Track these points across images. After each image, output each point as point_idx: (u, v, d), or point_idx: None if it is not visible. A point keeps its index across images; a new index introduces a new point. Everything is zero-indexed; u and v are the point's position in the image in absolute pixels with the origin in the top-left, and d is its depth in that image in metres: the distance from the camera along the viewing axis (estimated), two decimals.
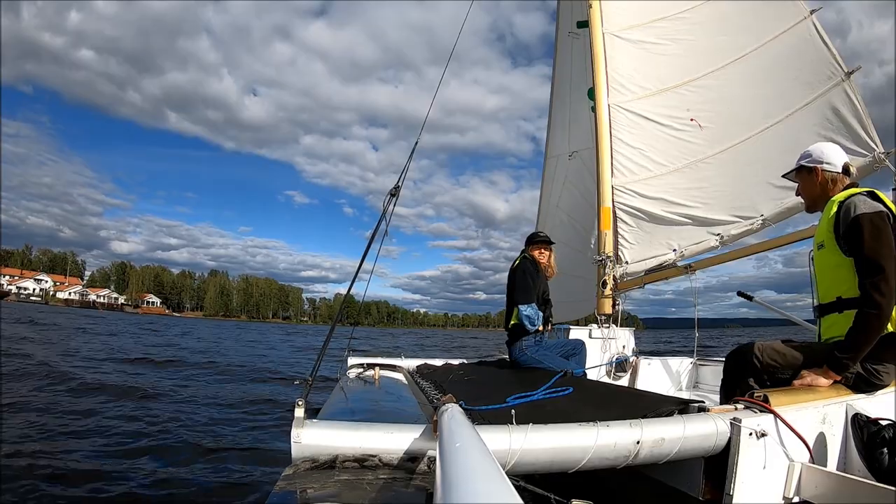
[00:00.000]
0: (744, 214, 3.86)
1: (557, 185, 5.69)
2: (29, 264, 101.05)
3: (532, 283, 3.20)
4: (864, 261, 1.81)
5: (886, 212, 1.84)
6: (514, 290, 3.22)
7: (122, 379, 7.18)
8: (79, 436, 4.16)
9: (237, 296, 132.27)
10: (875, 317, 1.76)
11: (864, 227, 1.80)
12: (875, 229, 1.79)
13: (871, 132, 3.43)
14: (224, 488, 3.24)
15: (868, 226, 1.80)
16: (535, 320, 3.14)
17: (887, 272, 1.75)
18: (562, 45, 5.62)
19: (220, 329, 32.59)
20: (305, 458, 1.20)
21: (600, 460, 1.33)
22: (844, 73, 3.52)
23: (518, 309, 3.14)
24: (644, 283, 4.10)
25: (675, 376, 4.03)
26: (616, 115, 4.22)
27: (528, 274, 3.23)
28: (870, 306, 1.77)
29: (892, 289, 1.75)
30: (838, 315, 1.91)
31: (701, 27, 4.12)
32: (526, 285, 3.19)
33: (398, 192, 2.41)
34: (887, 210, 1.85)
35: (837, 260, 1.91)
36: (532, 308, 3.14)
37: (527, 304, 3.13)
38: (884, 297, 1.75)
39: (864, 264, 1.81)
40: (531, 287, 3.19)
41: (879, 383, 1.86)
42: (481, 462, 0.70)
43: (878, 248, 1.78)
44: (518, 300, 3.17)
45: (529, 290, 3.18)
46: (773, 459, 1.50)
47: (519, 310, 3.14)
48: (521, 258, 3.35)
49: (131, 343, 14.95)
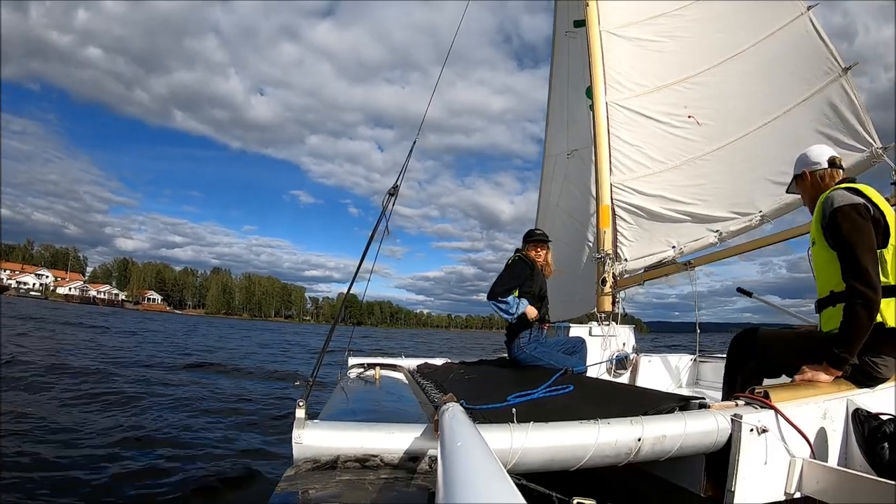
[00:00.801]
0: (742, 211, 3.86)
1: (557, 184, 5.69)
2: (31, 259, 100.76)
3: (509, 278, 3.18)
4: (844, 254, 1.84)
5: (865, 204, 1.86)
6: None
7: (128, 378, 7.18)
8: (78, 435, 4.15)
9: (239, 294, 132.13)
10: (861, 307, 1.78)
11: (841, 220, 1.84)
12: (851, 222, 1.83)
13: (868, 128, 3.42)
14: (225, 489, 3.24)
15: (844, 219, 1.84)
16: (511, 307, 3.10)
17: (863, 263, 1.78)
18: (559, 44, 5.63)
19: (235, 329, 32.52)
20: (307, 458, 1.20)
21: (602, 458, 1.34)
22: (842, 68, 3.51)
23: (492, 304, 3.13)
24: (644, 280, 4.10)
25: (676, 373, 4.04)
26: (614, 113, 4.23)
27: (508, 269, 3.22)
28: (854, 298, 1.79)
29: (872, 278, 1.77)
30: (833, 309, 1.93)
31: (698, 24, 4.13)
32: (500, 279, 3.17)
33: (397, 191, 2.41)
34: (867, 202, 1.87)
35: (827, 255, 1.94)
36: (505, 301, 3.11)
37: (495, 298, 3.11)
38: (865, 287, 1.77)
39: (844, 257, 1.84)
40: (506, 280, 3.17)
41: (879, 376, 1.86)
42: (483, 461, 0.70)
43: (855, 240, 1.81)
44: (488, 294, 3.16)
45: (500, 284, 3.16)
46: (774, 455, 1.50)
47: (492, 305, 3.13)
48: (516, 257, 3.33)
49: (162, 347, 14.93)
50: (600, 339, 3.77)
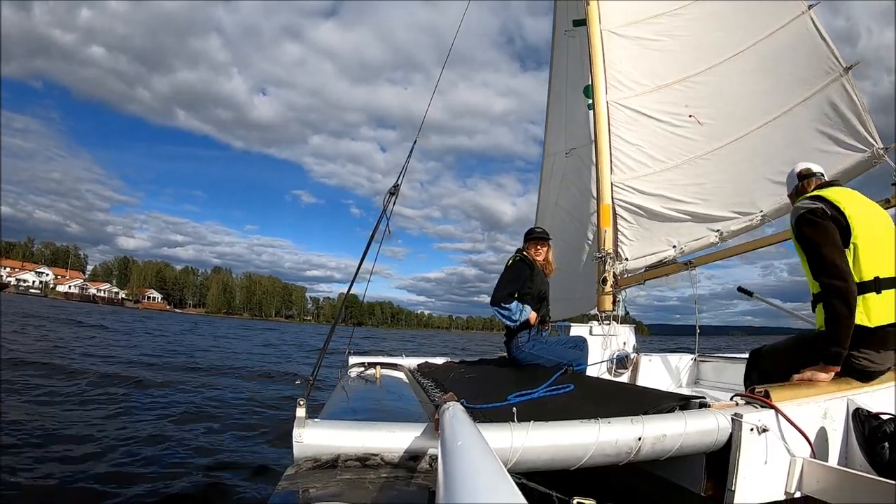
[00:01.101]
0: (743, 210, 3.85)
1: (556, 183, 5.69)
2: (31, 257, 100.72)
3: (508, 281, 3.14)
4: (810, 255, 1.96)
5: (822, 207, 1.95)
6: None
7: (125, 375, 7.19)
8: (74, 434, 4.16)
9: (240, 293, 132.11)
10: (836, 300, 1.84)
11: (802, 226, 1.98)
12: (809, 225, 1.95)
13: (869, 128, 3.40)
14: (225, 488, 3.24)
15: (804, 224, 1.97)
16: (514, 314, 3.07)
17: (829, 259, 1.88)
18: (558, 43, 5.63)
19: (233, 329, 32.43)
20: (307, 457, 1.21)
21: (602, 457, 1.34)
22: (843, 68, 3.49)
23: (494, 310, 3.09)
24: (644, 279, 4.10)
25: (676, 373, 4.04)
26: (614, 112, 4.22)
27: (508, 271, 3.18)
28: (828, 293, 1.87)
29: (840, 270, 1.85)
30: (819, 308, 2.00)
31: (698, 23, 4.11)
32: (500, 283, 3.14)
33: (398, 190, 2.42)
34: (825, 205, 1.96)
35: (803, 259, 2.04)
36: (507, 308, 3.07)
37: (498, 304, 3.07)
38: (836, 279, 1.85)
39: (811, 259, 1.96)
40: (505, 284, 3.13)
41: (870, 369, 1.89)
42: (483, 460, 0.70)
43: (817, 241, 1.92)
44: (491, 300, 3.12)
45: (501, 288, 3.12)
46: (774, 454, 1.50)
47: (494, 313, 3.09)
48: (517, 258, 3.29)
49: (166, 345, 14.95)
50: (601, 338, 3.78)
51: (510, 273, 3.20)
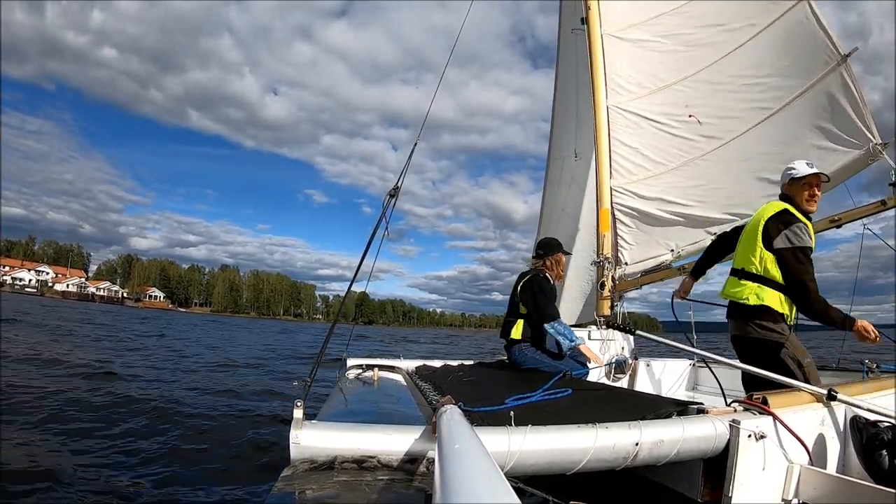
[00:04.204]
0: (740, 212, 3.82)
1: (563, 188, 5.55)
2: (32, 255, 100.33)
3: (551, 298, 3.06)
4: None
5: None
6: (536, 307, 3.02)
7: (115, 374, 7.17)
8: (72, 433, 4.14)
9: (247, 291, 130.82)
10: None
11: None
12: None
13: (867, 121, 3.27)
14: (222, 489, 3.23)
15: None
16: (571, 334, 2.97)
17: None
18: (565, 43, 5.48)
19: (232, 329, 32.08)
20: (304, 459, 1.20)
21: (599, 462, 1.33)
22: (841, 55, 3.34)
23: (546, 328, 2.96)
24: (640, 284, 4.09)
25: (674, 378, 4.03)
26: (615, 117, 4.20)
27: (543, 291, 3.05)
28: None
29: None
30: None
31: (699, 20, 4.06)
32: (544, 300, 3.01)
33: (398, 192, 2.42)
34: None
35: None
36: (561, 323, 2.98)
37: (555, 319, 2.96)
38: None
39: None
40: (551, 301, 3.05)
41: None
42: (480, 464, 0.70)
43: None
44: (543, 317, 2.98)
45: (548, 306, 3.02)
46: (772, 461, 1.50)
47: (548, 329, 2.96)
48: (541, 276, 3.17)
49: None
50: (599, 342, 3.77)
51: (549, 291, 3.10)
